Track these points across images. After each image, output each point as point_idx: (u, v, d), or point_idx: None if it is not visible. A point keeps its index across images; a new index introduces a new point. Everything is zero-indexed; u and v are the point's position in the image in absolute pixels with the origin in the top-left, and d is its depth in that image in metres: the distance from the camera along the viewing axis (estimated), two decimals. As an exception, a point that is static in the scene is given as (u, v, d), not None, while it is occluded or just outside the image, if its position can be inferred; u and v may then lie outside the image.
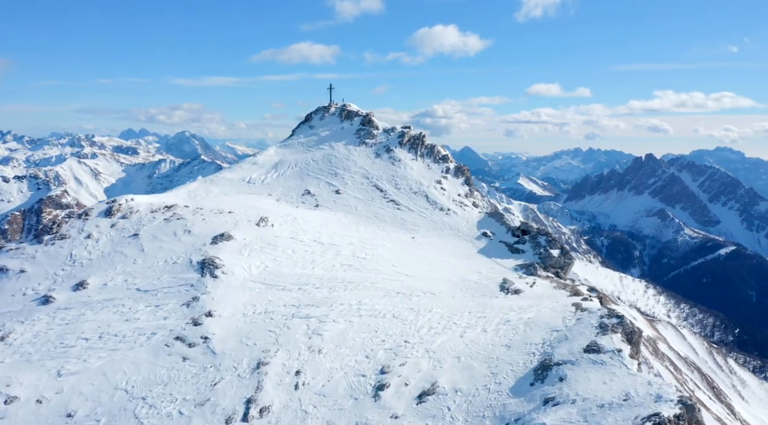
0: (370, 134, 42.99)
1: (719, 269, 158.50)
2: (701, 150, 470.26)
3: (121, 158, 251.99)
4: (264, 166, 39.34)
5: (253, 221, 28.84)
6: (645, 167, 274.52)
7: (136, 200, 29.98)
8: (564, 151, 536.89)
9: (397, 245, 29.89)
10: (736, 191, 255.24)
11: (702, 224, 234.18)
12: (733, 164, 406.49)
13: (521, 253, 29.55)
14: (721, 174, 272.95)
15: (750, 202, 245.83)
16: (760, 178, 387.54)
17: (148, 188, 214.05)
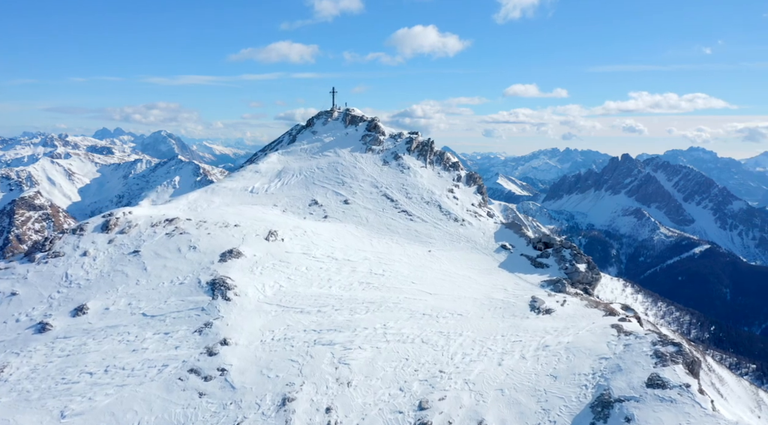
0: (377, 140, 41.81)
1: (694, 267, 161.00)
2: (675, 150, 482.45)
3: (96, 157, 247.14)
4: (267, 174, 37.91)
5: (261, 236, 27.45)
6: (621, 167, 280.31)
7: (135, 213, 28.39)
8: (542, 151, 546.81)
9: (414, 260, 28.71)
10: (709, 190, 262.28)
11: (677, 223, 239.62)
12: (706, 164, 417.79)
13: (545, 268, 28.56)
14: (695, 174, 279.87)
15: (723, 201, 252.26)
16: (731, 177, 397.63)
17: (124, 188, 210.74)
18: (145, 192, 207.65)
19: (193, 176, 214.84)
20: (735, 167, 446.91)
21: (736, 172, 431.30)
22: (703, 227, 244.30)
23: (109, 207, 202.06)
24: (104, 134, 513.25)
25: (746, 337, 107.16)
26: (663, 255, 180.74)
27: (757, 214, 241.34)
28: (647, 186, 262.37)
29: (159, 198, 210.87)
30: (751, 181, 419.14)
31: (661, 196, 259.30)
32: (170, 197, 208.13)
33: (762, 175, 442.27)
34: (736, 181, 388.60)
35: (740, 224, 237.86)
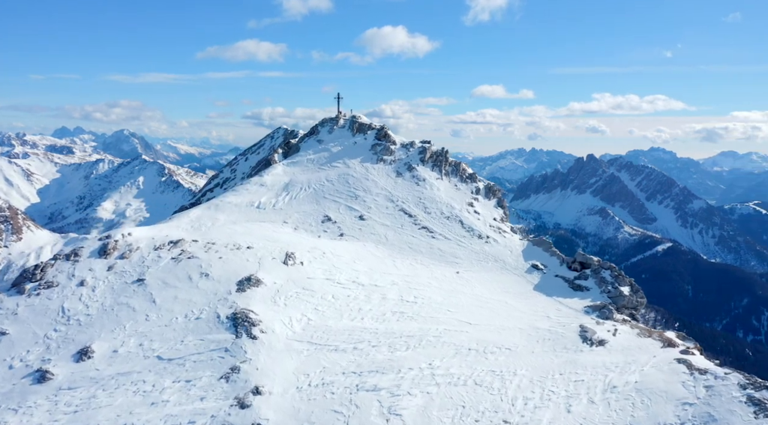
0: (388, 149, 40.12)
1: (657, 265, 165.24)
2: (637, 150, 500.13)
3: (56, 157, 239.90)
4: (273, 188, 35.86)
5: (278, 259, 25.48)
6: (586, 167, 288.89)
7: (135, 235, 26.12)
8: (508, 151, 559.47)
9: (444, 283, 27.06)
10: (671, 189, 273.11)
11: (640, 222, 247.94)
12: (666, 164, 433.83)
13: (585, 291, 27.20)
14: (657, 174, 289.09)
15: (684, 200, 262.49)
16: (690, 177, 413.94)
17: (86, 189, 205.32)
18: (107, 193, 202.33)
19: (158, 176, 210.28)
20: (694, 167, 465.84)
21: (695, 172, 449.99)
22: (665, 225, 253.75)
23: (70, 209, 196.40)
24: (64, 133, 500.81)
25: (709, 333, 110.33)
26: (627, 253, 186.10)
27: (716, 213, 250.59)
28: (611, 186, 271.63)
29: (122, 199, 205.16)
30: (709, 180, 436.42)
31: (624, 195, 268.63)
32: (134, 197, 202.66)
33: (719, 174, 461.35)
34: (694, 180, 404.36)
35: (700, 223, 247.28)
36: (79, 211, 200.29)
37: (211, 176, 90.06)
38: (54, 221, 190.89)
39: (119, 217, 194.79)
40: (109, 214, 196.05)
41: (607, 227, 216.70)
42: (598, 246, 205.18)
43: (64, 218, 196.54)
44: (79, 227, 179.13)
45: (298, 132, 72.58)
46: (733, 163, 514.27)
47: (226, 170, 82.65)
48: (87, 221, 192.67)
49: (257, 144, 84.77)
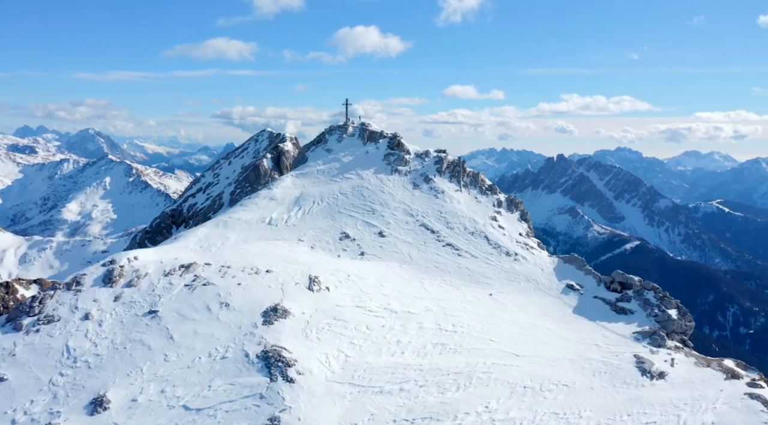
0: (402, 159, 38.56)
1: (625, 262, 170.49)
2: (604, 150, 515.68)
3: (18, 157, 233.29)
4: (283, 202, 33.98)
5: (302, 284, 23.68)
6: (556, 167, 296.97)
7: (142, 259, 24.06)
8: (480, 151, 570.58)
9: (479, 307, 25.54)
10: (638, 189, 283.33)
11: (609, 221, 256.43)
12: (632, 163, 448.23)
13: (629, 314, 25.92)
14: (625, 173, 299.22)
15: (651, 199, 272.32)
16: (656, 176, 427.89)
17: (50, 190, 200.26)
18: (72, 194, 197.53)
19: (125, 176, 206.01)
20: (659, 167, 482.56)
21: (660, 171, 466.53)
22: (632, 224, 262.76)
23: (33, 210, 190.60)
24: (26, 132, 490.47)
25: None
26: (597, 251, 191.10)
27: (682, 211, 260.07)
28: (581, 185, 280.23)
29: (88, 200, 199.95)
30: (674, 179, 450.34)
31: (593, 195, 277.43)
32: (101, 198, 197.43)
33: (683, 174, 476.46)
34: (660, 180, 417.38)
35: (667, 221, 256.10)
36: (43, 212, 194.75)
37: (192, 181, 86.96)
38: (17, 224, 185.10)
39: (85, 218, 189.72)
40: (74, 215, 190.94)
41: (577, 226, 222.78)
42: (568, 245, 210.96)
43: (27, 219, 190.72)
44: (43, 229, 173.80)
45: (283, 135, 70.39)
46: (696, 162, 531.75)
47: (209, 174, 79.63)
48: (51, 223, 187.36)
49: (240, 147, 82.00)
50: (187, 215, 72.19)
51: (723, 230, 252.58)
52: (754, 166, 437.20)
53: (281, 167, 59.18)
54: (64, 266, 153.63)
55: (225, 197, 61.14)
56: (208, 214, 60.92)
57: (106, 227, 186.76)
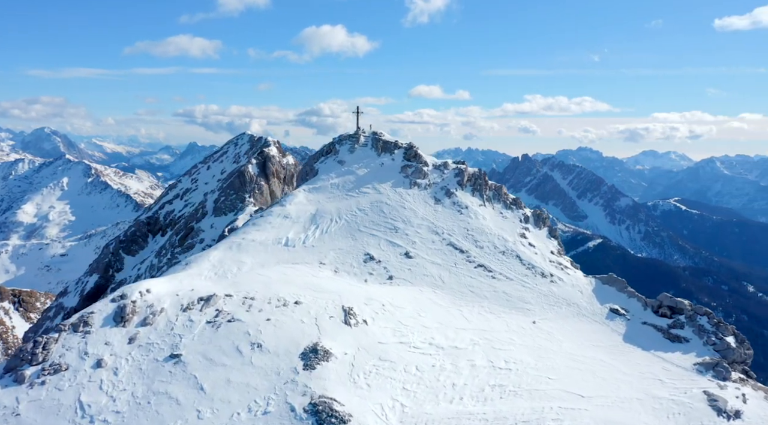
0: (420, 171, 36.81)
1: (589, 260, 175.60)
2: (566, 150, 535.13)
3: None
4: (299, 220, 31.86)
5: (337, 317, 21.71)
6: (521, 167, 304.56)
7: (155, 291, 21.76)
8: (445, 150, 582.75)
9: (526, 338, 23.89)
10: (600, 188, 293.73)
11: (572, 219, 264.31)
12: (593, 163, 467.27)
13: (684, 342, 24.58)
14: (587, 173, 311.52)
15: (612, 198, 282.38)
16: (615, 175, 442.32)
17: (4, 191, 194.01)
18: (28, 195, 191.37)
19: (83, 177, 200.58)
20: (618, 166, 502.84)
21: (620, 170, 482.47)
22: (595, 222, 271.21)
23: None
24: None
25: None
26: None
27: (641, 209, 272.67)
28: (545, 185, 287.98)
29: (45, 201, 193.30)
30: (632, 178, 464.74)
31: (557, 194, 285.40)
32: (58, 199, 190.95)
33: (641, 173, 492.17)
34: (619, 178, 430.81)
35: (627, 219, 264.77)
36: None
37: (168, 186, 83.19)
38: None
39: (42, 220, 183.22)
40: (30, 218, 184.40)
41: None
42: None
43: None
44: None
45: (266, 139, 67.91)
46: (654, 162, 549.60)
47: (185, 179, 76.39)
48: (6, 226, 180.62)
49: (219, 151, 79.03)
50: (165, 223, 69.17)
51: (680, 228, 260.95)
52: (708, 165, 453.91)
53: (267, 173, 56.85)
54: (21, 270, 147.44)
55: (208, 205, 58.48)
56: (190, 223, 58.10)
57: (64, 229, 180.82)
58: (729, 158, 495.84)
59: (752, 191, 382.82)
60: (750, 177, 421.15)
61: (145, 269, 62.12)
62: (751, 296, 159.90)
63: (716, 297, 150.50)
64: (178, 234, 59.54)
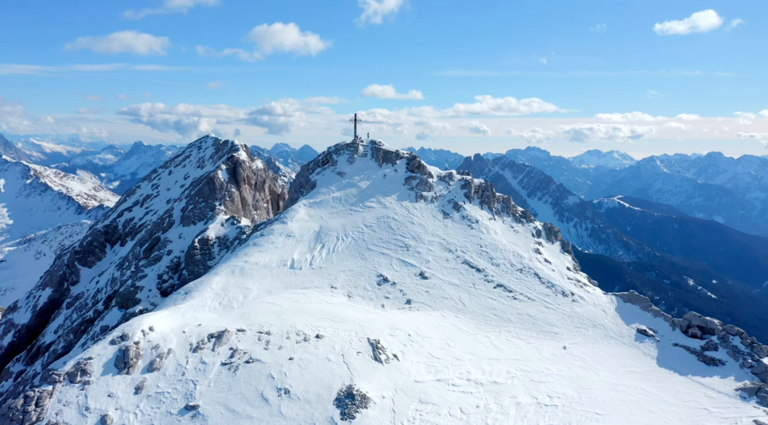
0: (425, 183, 35.39)
1: None
2: (515, 150, 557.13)
3: None
4: (302, 238, 29.90)
5: (365, 353, 20.00)
6: (474, 166, 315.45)
7: (158, 329, 19.53)
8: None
9: (562, 367, 22.74)
10: (548, 186, 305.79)
11: None
12: (541, 162, 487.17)
13: (720, 365, 23.94)
14: (537, 172, 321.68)
15: (560, 196, 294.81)
16: (562, 174, 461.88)
17: None
18: None
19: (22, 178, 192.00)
20: (565, 165, 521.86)
21: (566, 169, 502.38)
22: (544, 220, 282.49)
23: None
24: None
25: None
26: None
27: (588, 207, 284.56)
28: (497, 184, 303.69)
29: None
30: (578, 177, 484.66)
31: (508, 192, 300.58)
32: None
33: (586, 171, 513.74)
34: (566, 177, 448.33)
35: (575, 217, 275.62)
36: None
37: (126, 192, 78.72)
38: None
39: None
40: None
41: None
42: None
43: None
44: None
45: (233, 142, 65.22)
46: (598, 160, 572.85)
47: (145, 185, 72.54)
48: None
49: (181, 155, 75.44)
50: (124, 232, 65.51)
51: (624, 224, 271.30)
52: (649, 164, 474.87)
53: (238, 179, 54.31)
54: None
55: (175, 214, 55.40)
56: (155, 233, 55.00)
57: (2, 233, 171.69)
58: (668, 157, 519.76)
59: (690, 189, 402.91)
60: (688, 175, 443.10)
61: (105, 282, 58.37)
62: (691, 290, 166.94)
63: (659, 291, 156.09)
64: (143, 245, 56.24)
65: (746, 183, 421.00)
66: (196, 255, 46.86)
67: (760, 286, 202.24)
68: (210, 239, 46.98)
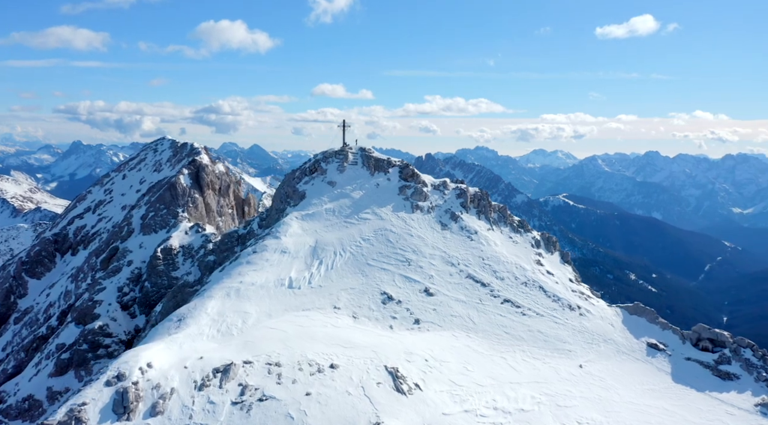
0: (420, 193, 34.41)
1: None
2: (465, 149, 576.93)
3: None
4: (298, 254, 28.34)
5: (385, 384, 18.80)
6: (425, 166, 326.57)
7: (157, 365, 17.72)
8: None
9: (582, 388, 22.17)
10: (498, 185, 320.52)
11: None
12: (489, 161, 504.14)
13: (735, 379, 23.95)
14: (486, 171, 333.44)
15: (509, 195, 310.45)
16: (510, 173, 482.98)
17: None
18: None
19: None
20: (512, 164, 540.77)
21: (513, 168, 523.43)
22: None
23: None
24: None
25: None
26: None
27: (535, 205, 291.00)
28: None
29: None
30: (525, 176, 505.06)
31: None
32: None
33: (533, 170, 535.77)
34: (513, 176, 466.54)
35: (523, 215, 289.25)
36: None
37: (76, 198, 74.11)
38: None
39: None
40: None
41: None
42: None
43: None
44: None
45: (192, 145, 62.73)
46: (543, 160, 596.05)
47: (97, 190, 68.64)
48: None
49: (135, 158, 71.88)
50: (75, 241, 61.91)
51: (569, 222, 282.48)
52: (591, 163, 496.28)
53: (201, 184, 52.17)
54: None
55: (135, 222, 52.56)
56: (113, 242, 51.99)
57: None
58: (609, 156, 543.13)
59: (629, 187, 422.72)
60: (627, 174, 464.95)
61: (58, 295, 54.75)
62: (633, 284, 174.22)
63: (603, 286, 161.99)
64: (99, 255, 53.01)
65: (681, 181, 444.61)
66: (159, 266, 44.35)
67: (696, 279, 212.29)
68: (174, 248, 44.57)
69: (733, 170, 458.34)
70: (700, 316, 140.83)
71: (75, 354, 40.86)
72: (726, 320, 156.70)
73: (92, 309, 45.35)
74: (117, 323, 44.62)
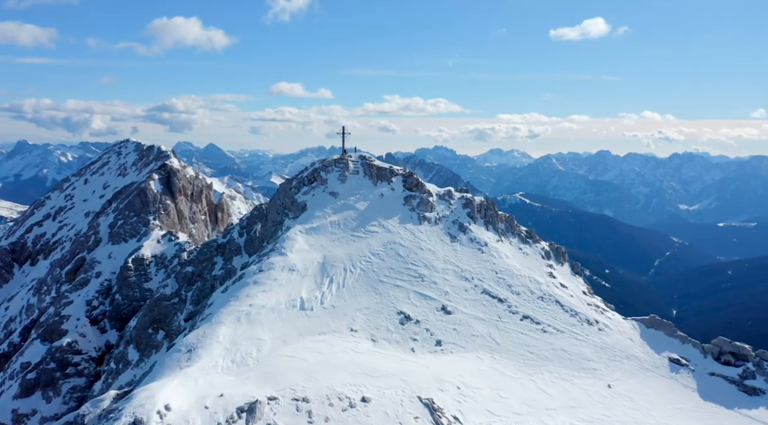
0: (426, 203, 33.42)
1: None
2: (424, 149, 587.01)
3: None
4: (307, 272, 26.89)
5: (423, 418, 17.74)
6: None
7: (176, 407, 16.15)
8: (309, 149, 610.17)
9: (616, 410, 21.57)
10: (456, 185, 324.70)
11: None
12: (448, 160, 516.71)
13: (761, 394, 23.79)
14: (446, 170, 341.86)
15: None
16: (468, 172, 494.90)
17: None
18: None
19: None
20: (470, 163, 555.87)
21: (471, 167, 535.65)
22: None
23: None
24: None
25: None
26: None
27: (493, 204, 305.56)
28: None
29: None
30: (483, 175, 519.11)
31: None
32: None
33: (490, 170, 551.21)
34: (471, 175, 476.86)
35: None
36: None
37: (33, 204, 70.36)
38: None
39: None
40: None
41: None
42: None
43: None
44: None
45: (159, 148, 60.42)
46: (500, 159, 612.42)
47: (57, 195, 65.30)
48: None
49: (97, 162, 68.65)
50: (35, 250, 58.73)
51: (526, 220, 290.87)
52: (546, 162, 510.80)
53: (173, 189, 50.11)
54: None
55: (102, 231, 49.99)
56: (78, 252, 49.34)
57: None
58: (563, 156, 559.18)
59: (582, 185, 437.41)
60: (580, 172, 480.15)
61: (18, 309, 51.63)
62: (587, 280, 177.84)
63: None
64: (63, 266, 50.15)
65: (631, 179, 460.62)
66: (130, 277, 42.12)
67: (646, 274, 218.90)
68: (146, 258, 42.41)
69: (679, 169, 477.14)
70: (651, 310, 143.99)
71: (42, 373, 38.34)
72: (675, 313, 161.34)
73: (59, 325, 42.68)
74: (86, 339, 42.13)
